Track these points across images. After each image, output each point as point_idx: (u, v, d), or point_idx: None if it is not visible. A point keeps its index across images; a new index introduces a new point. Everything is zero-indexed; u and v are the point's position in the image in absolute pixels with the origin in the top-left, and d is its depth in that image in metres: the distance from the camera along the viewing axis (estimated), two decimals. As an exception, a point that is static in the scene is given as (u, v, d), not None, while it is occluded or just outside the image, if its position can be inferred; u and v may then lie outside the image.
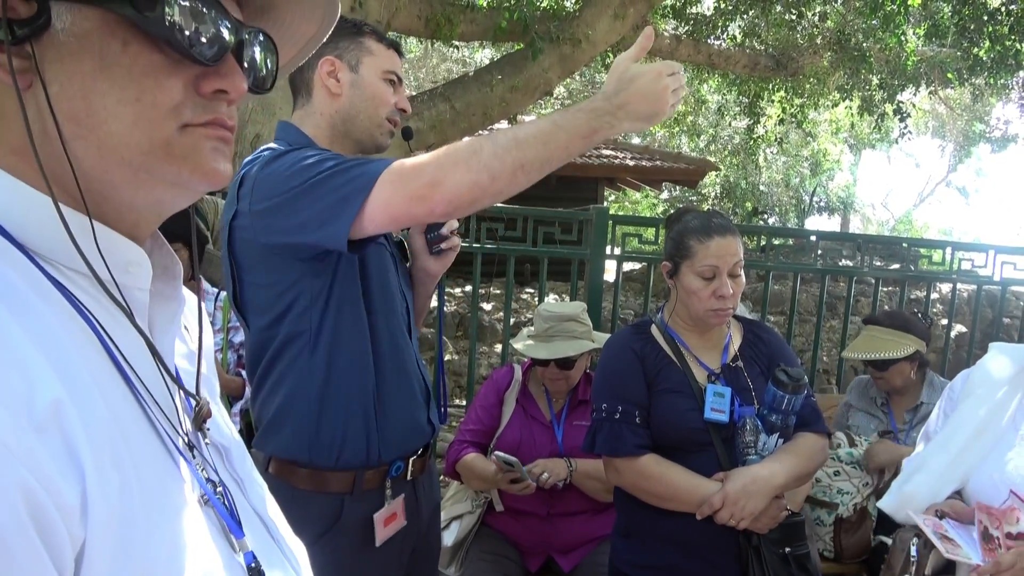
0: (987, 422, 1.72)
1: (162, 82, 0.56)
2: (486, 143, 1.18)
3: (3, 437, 0.43)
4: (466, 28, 5.75)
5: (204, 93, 0.58)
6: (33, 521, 0.44)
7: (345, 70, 1.53)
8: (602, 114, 1.20)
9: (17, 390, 0.45)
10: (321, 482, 1.47)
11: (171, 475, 0.56)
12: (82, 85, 0.54)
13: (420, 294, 1.73)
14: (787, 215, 19.07)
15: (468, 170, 1.17)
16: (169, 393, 0.62)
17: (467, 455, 2.40)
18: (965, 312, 7.14)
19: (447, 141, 5.96)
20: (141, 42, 0.55)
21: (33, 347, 0.48)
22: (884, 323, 2.80)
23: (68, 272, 0.55)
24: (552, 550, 2.38)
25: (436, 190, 1.18)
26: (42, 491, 0.45)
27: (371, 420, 1.48)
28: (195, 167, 0.59)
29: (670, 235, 1.90)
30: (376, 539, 1.50)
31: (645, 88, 1.20)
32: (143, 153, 0.56)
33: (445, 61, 14.25)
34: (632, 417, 1.78)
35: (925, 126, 19.25)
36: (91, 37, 0.53)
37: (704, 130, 13.49)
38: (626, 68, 1.22)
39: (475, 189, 1.17)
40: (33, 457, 0.45)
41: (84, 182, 0.55)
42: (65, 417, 0.47)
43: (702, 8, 7.70)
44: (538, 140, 1.19)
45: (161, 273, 0.64)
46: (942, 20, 7.29)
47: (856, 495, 2.57)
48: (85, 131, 0.55)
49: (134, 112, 0.55)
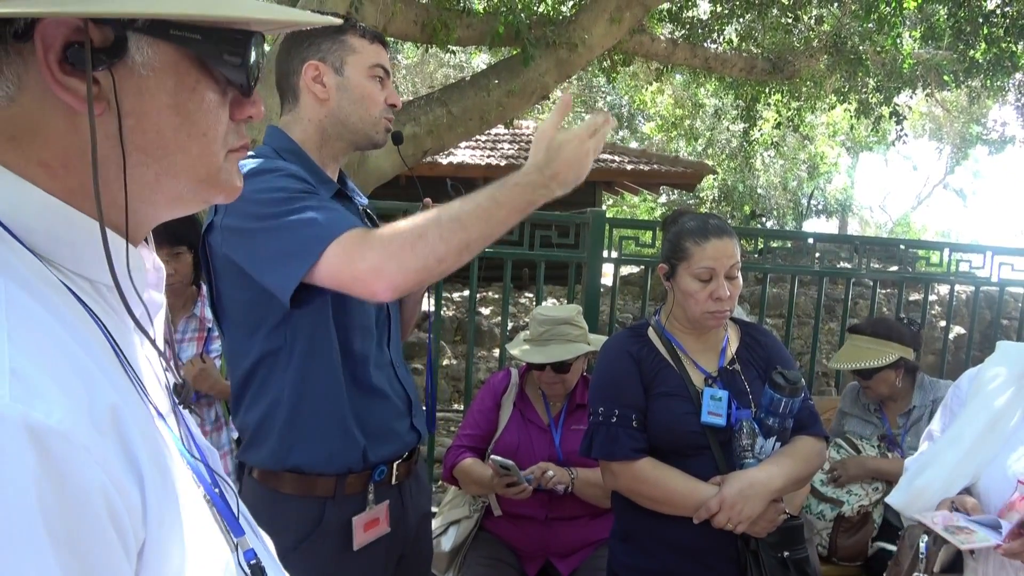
0: (998, 419, 1.72)
1: (220, 116, 0.61)
2: (431, 227, 1.21)
3: (84, 440, 0.46)
4: (462, 33, 5.75)
5: (236, 120, 0.64)
6: (112, 523, 0.46)
7: (330, 73, 1.50)
8: (537, 187, 1.25)
9: (81, 397, 0.47)
10: (305, 486, 1.47)
11: (182, 474, 0.58)
12: (157, 119, 0.57)
13: (408, 300, 1.72)
14: (785, 218, 19.09)
15: (415, 257, 1.20)
16: (166, 395, 0.64)
17: (464, 460, 2.39)
18: (963, 313, 7.14)
19: (444, 145, 5.96)
20: (208, 80, 0.59)
21: (84, 354, 0.51)
22: (866, 332, 2.81)
23: (72, 276, 0.56)
24: (550, 554, 2.37)
25: (378, 278, 1.21)
26: (116, 493, 0.47)
27: (348, 432, 1.48)
28: (230, 189, 0.65)
29: (667, 237, 1.89)
30: (354, 543, 1.49)
31: (571, 156, 1.24)
32: (199, 181, 0.62)
33: (442, 67, 14.27)
34: (629, 420, 1.77)
35: (922, 128, 19.28)
36: (168, 73, 0.57)
37: (701, 133, 13.50)
38: (552, 137, 1.25)
39: (422, 273, 1.21)
40: (107, 460, 0.47)
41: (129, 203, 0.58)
42: (122, 421, 0.50)
43: (698, 12, 7.71)
44: (480, 219, 1.22)
45: (153, 274, 0.67)
46: (938, 23, 7.31)
47: (864, 498, 2.57)
48: (150, 160, 0.58)
49: (200, 146, 0.60)
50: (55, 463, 0.43)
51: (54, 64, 0.52)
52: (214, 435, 2.28)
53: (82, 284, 0.57)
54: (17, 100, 0.53)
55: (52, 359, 0.48)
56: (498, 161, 10.23)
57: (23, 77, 0.53)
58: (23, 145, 0.54)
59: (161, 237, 2.13)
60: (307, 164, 1.50)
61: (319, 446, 1.46)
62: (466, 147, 10.42)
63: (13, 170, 0.54)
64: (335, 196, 1.53)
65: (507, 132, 10.75)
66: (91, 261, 0.55)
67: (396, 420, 1.57)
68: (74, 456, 0.44)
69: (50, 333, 0.49)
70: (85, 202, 0.56)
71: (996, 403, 1.74)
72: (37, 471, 0.43)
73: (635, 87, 11.01)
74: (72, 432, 0.45)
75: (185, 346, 2.25)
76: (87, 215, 0.56)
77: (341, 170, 1.64)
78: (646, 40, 7.13)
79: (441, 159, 9.57)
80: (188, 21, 0.56)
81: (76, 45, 0.52)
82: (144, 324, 0.60)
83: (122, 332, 0.58)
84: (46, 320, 0.50)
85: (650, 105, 12.47)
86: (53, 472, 0.43)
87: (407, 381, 1.64)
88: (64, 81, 0.53)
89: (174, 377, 0.67)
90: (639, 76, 9.96)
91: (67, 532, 0.43)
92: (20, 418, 0.43)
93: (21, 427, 0.43)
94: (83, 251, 0.56)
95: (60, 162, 0.55)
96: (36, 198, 0.55)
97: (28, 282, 0.51)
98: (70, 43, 0.52)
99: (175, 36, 0.56)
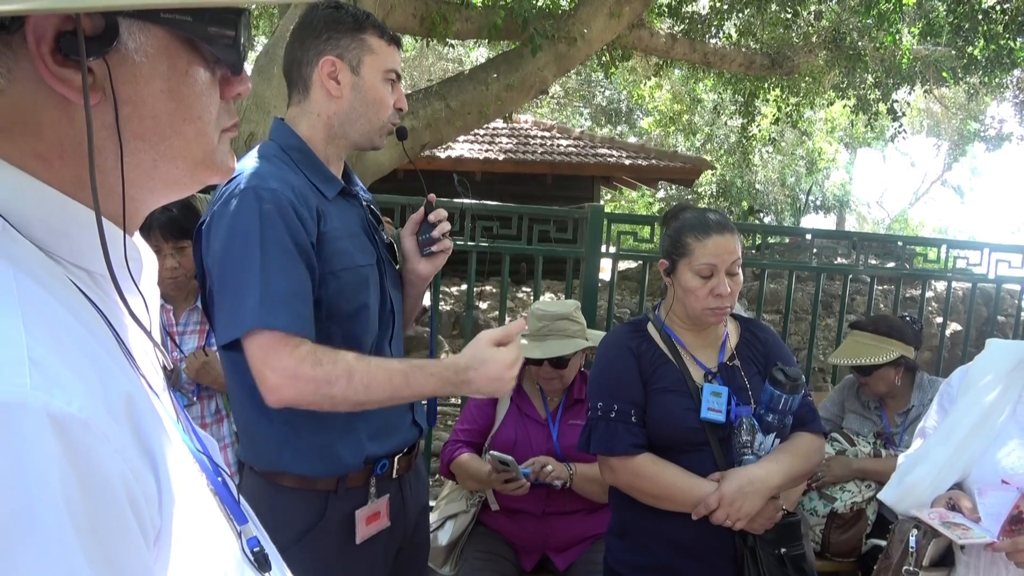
0: (987, 415, 1.74)
1: (213, 97, 0.61)
2: (342, 379, 1.28)
3: (103, 428, 0.45)
4: (461, 26, 5.73)
5: (226, 98, 0.63)
6: (133, 510, 0.46)
7: (346, 71, 1.48)
8: (447, 384, 1.33)
9: (97, 385, 0.47)
10: (307, 482, 1.47)
11: (188, 463, 0.58)
12: (153, 106, 0.57)
13: (410, 295, 1.71)
14: (783, 214, 19.10)
15: (313, 394, 1.28)
16: (164, 384, 0.64)
17: (461, 455, 2.39)
18: (960, 310, 7.15)
19: (443, 139, 5.95)
20: (199, 61, 0.58)
21: (95, 343, 0.51)
22: (868, 328, 2.80)
23: (70, 267, 0.56)
24: (547, 549, 2.38)
25: (273, 390, 1.29)
26: (135, 481, 0.47)
27: (349, 428, 1.47)
28: (224, 169, 0.64)
29: (667, 232, 1.87)
30: (357, 536, 1.49)
31: (492, 373, 1.32)
32: (195, 164, 0.61)
33: (440, 60, 14.23)
34: (628, 416, 1.77)
35: (920, 125, 19.30)
36: (161, 57, 0.56)
37: (700, 129, 13.50)
38: (485, 347, 1.33)
39: (312, 406, 1.31)
40: (126, 448, 0.47)
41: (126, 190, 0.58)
42: (136, 409, 0.50)
43: (697, 7, 7.69)
44: (386, 392, 1.31)
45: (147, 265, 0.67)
46: (937, 19, 7.30)
47: (857, 495, 2.57)
48: (147, 147, 0.58)
49: (195, 129, 0.60)
50: (77, 451, 0.43)
51: (47, 56, 0.51)
52: (214, 427, 2.27)
53: (81, 275, 0.56)
54: (7, 92, 0.52)
55: (67, 348, 0.47)
56: (496, 155, 10.22)
57: (14, 69, 0.52)
58: (16, 137, 0.53)
59: (166, 231, 2.12)
60: (312, 162, 1.49)
61: (317, 454, 1.45)
62: (464, 141, 10.40)
63: (9, 162, 0.53)
64: (340, 194, 1.52)
65: (505, 126, 10.73)
66: (90, 252, 0.55)
67: (398, 416, 1.57)
68: (95, 444, 0.44)
69: (62, 323, 0.49)
70: (82, 192, 0.55)
71: (986, 400, 1.76)
72: (60, 459, 0.43)
73: (634, 82, 11.00)
74: (92, 420, 0.45)
75: (187, 338, 2.25)
76: (85, 205, 0.55)
77: (347, 165, 1.63)
78: (645, 35, 7.12)
79: (439, 153, 9.56)
80: (178, 4, 0.55)
81: (68, 34, 0.50)
82: (140, 315, 0.60)
83: (122, 322, 0.58)
84: (57, 309, 0.50)
85: (648, 100, 12.46)
86: (76, 460, 0.43)
87: None
88: (59, 72, 0.51)
89: (164, 361, 0.67)
90: (638, 71, 9.95)
91: (90, 520, 0.43)
92: (42, 407, 0.43)
93: (43, 416, 0.43)
94: (81, 242, 0.55)
95: (56, 153, 0.54)
96: (33, 189, 0.54)
97: (35, 272, 0.51)
98: (62, 32, 0.51)
99: (166, 19, 0.55)
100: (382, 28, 1.52)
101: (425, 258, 1.63)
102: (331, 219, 1.45)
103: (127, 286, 0.57)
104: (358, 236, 1.52)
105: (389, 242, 1.64)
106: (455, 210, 3.21)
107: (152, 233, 2.10)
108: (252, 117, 4.15)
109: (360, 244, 1.52)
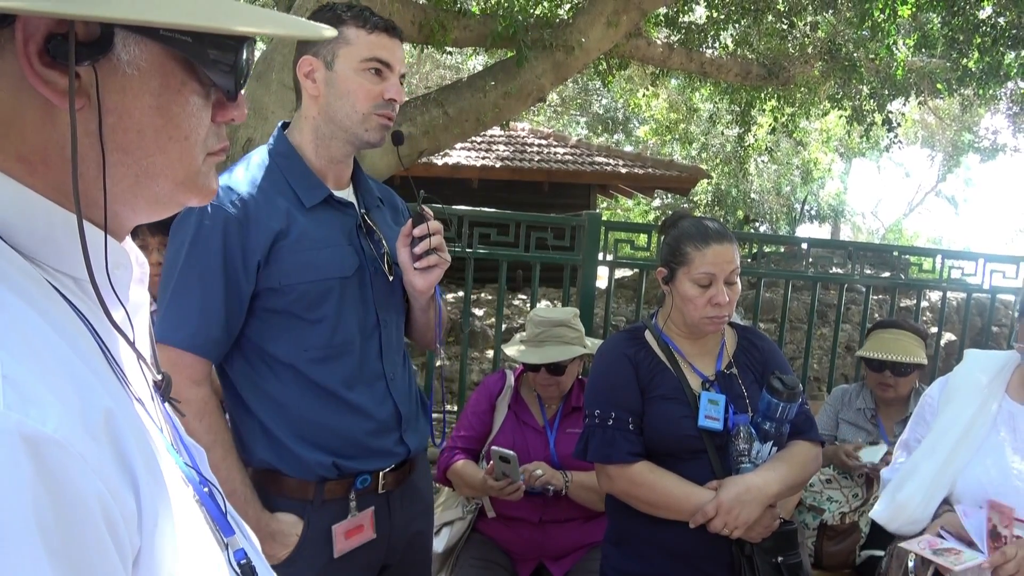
0: (969, 427, 1.75)
1: (203, 119, 0.59)
2: (203, 439, 1.30)
3: (79, 448, 0.44)
4: (459, 34, 5.74)
5: (217, 122, 0.62)
6: (109, 531, 0.45)
7: (321, 68, 1.44)
8: (245, 517, 1.43)
9: (75, 402, 0.46)
10: (287, 488, 1.47)
11: (173, 475, 0.57)
12: (140, 119, 0.55)
13: (413, 308, 1.67)
14: (778, 223, 19.14)
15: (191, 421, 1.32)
16: (151, 393, 0.63)
17: (457, 462, 2.38)
18: (955, 320, 7.18)
19: (440, 147, 5.95)
20: (194, 82, 0.57)
21: (75, 356, 0.49)
22: (906, 328, 2.72)
23: (55, 273, 0.55)
24: (543, 556, 2.37)
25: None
26: (112, 501, 0.46)
27: (315, 444, 1.46)
28: (205, 192, 0.63)
29: (666, 240, 1.88)
30: (334, 550, 1.47)
31: (278, 541, 1.43)
32: (177, 183, 0.60)
33: (438, 67, 14.25)
34: (625, 423, 1.77)
35: (915, 136, 19.38)
36: (154, 73, 0.55)
37: (696, 138, 13.52)
38: (284, 527, 1.44)
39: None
40: (103, 467, 0.46)
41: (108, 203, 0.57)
42: (115, 425, 0.49)
43: (694, 17, 7.73)
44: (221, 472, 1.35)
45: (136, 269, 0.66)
46: (932, 31, 7.35)
47: (844, 504, 2.57)
48: (130, 160, 0.56)
49: (180, 149, 0.58)
50: (51, 472, 0.42)
51: (34, 56, 0.50)
52: None
53: (66, 282, 0.55)
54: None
55: (44, 363, 0.46)
56: (493, 162, 10.23)
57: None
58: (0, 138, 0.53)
59: (153, 226, 2.11)
60: (296, 169, 1.47)
61: (287, 455, 1.45)
62: (461, 148, 10.40)
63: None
64: (323, 202, 1.48)
65: (502, 134, 10.75)
66: (74, 258, 0.54)
67: (372, 437, 1.51)
68: (70, 465, 0.43)
69: (40, 335, 0.48)
70: (66, 199, 0.54)
71: (967, 412, 1.77)
72: (33, 481, 0.41)
73: (630, 91, 11.02)
74: (68, 440, 0.44)
75: None
76: (70, 212, 0.54)
77: (357, 170, 1.59)
78: (642, 44, 7.15)
79: (437, 160, 9.56)
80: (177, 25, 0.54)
81: (59, 37, 0.49)
82: (123, 325, 0.59)
83: (108, 331, 0.57)
84: (35, 322, 0.48)
85: (645, 109, 12.49)
86: (49, 482, 0.42)
87: (401, 394, 1.58)
88: (43, 73, 0.50)
89: (153, 374, 0.66)
90: (634, 80, 9.97)
91: (63, 542, 0.42)
92: (15, 427, 0.42)
93: (16, 436, 0.42)
94: (66, 248, 0.54)
95: (39, 157, 0.53)
96: (16, 193, 0.53)
97: (15, 281, 0.50)
98: (53, 35, 0.49)
99: (164, 36, 0.54)
100: (364, 18, 1.44)
101: (419, 272, 1.53)
102: (300, 229, 1.43)
103: (111, 301, 0.56)
104: (338, 246, 1.48)
105: (384, 251, 1.58)
106: (452, 217, 3.22)
107: (139, 228, 2.09)
108: (249, 123, 4.15)
109: (338, 254, 1.48)
